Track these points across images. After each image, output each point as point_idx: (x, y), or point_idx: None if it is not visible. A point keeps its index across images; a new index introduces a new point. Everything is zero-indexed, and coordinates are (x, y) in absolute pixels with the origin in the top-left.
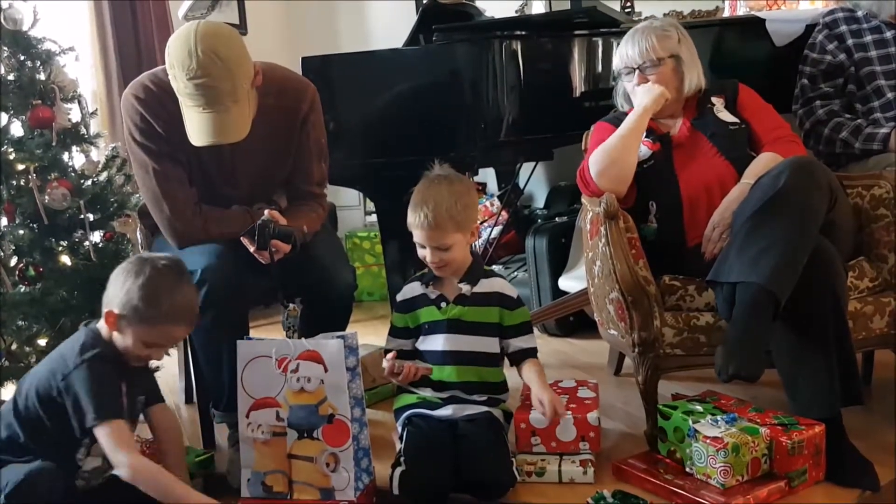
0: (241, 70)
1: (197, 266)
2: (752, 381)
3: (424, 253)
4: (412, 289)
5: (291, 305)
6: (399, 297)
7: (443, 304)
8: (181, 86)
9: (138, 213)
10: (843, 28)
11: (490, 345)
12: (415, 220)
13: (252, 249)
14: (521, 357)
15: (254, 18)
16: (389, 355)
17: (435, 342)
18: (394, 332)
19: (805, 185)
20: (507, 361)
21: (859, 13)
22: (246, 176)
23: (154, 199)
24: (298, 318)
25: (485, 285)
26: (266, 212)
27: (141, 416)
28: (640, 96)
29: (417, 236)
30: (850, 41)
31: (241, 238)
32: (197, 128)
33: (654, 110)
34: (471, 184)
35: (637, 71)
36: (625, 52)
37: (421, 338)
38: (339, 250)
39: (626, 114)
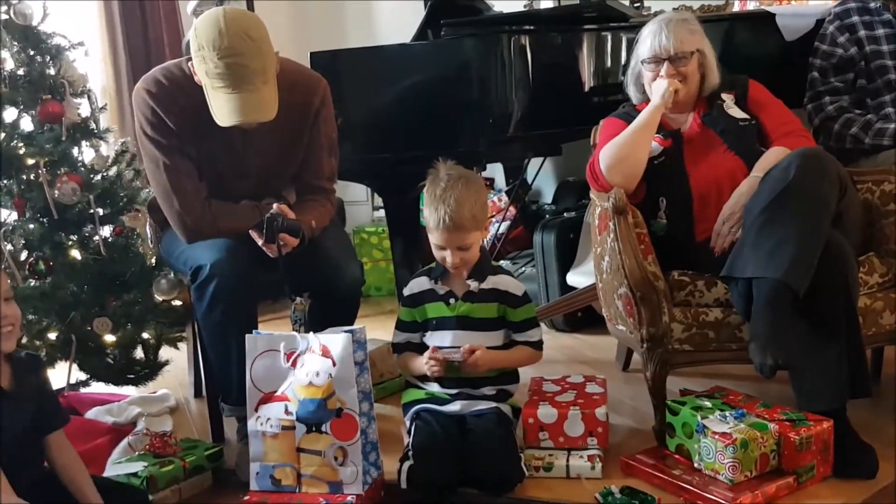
0: (269, 51)
1: (206, 261)
2: (792, 368)
3: (444, 254)
4: (419, 283)
5: (299, 299)
6: (406, 292)
7: (451, 301)
8: (211, 66)
9: (147, 207)
10: (855, 19)
11: (495, 338)
12: (436, 223)
13: (260, 243)
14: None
15: (261, 14)
16: (430, 352)
17: (443, 338)
18: (401, 326)
19: (815, 176)
20: None
21: (872, 5)
22: (256, 169)
23: (164, 193)
24: (306, 313)
25: (492, 282)
26: (275, 205)
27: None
28: (657, 96)
29: (438, 238)
30: (861, 32)
31: (250, 231)
32: (226, 108)
33: (666, 107)
34: (482, 179)
35: (667, 62)
36: (657, 42)
37: (428, 333)
38: (346, 245)
39: (635, 107)
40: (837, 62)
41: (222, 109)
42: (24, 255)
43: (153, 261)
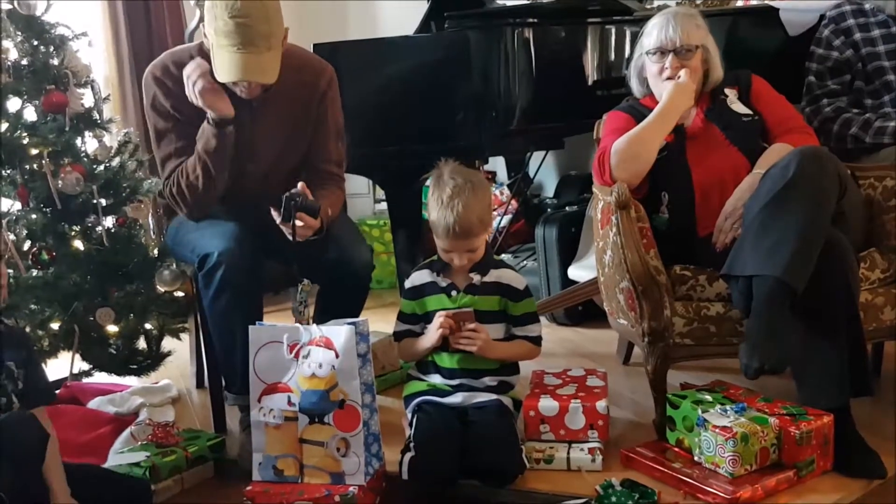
0: (278, 20)
1: (213, 248)
2: (778, 373)
3: (451, 256)
4: (421, 276)
5: (305, 280)
6: (407, 284)
7: (453, 293)
8: (220, 24)
9: (157, 195)
10: (851, 22)
11: (496, 331)
12: (445, 230)
13: (278, 221)
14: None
15: None
16: (443, 312)
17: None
18: (402, 317)
19: (815, 174)
20: None
21: (867, 6)
22: (266, 150)
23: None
24: (308, 294)
25: (494, 275)
26: (299, 184)
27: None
28: (669, 92)
29: (446, 244)
30: (857, 35)
31: (271, 210)
32: (227, 65)
33: (682, 112)
34: (486, 180)
35: (672, 54)
36: (663, 33)
37: (430, 325)
38: (355, 231)
39: (639, 101)
40: (833, 65)
41: (224, 65)
42: (27, 245)
43: (156, 251)
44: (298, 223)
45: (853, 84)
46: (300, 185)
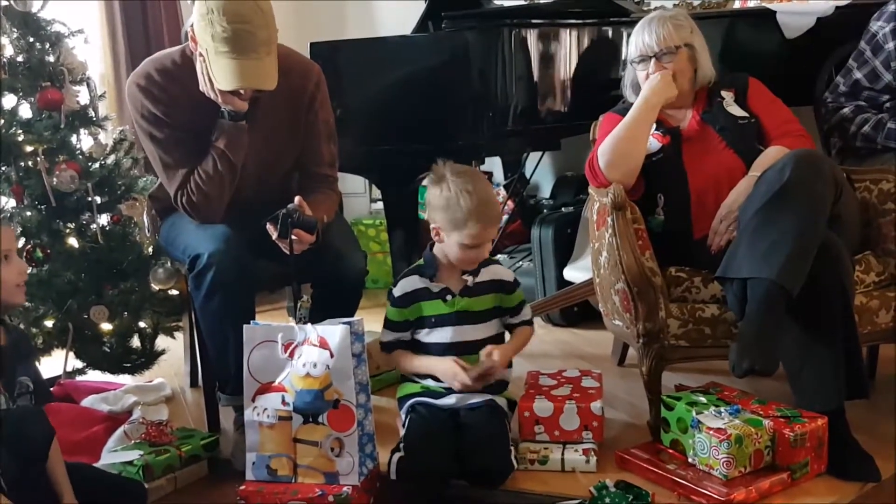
0: (274, 25)
1: (204, 250)
2: (767, 375)
3: (472, 255)
4: (411, 283)
5: (305, 297)
6: (397, 293)
7: (448, 297)
8: (218, 30)
9: (149, 196)
10: None
11: (493, 328)
12: (469, 214)
13: (274, 237)
14: (515, 327)
15: None
16: (463, 378)
17: (442, 334)
18: (391, 326)
19: (810, 177)
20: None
21: None
22: (255, 154)
23: (164, 181)
24: (309, 310)
25: (486, 273)
26: (296, 199)
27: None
28: (646, 88)
29: (475, 231)
30: None
31: (267, 226)
32: (228, 73)
33: (662, 103)
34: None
35: (653, 59)
36: (640, 40)
37: (426, 331)
38: (350, 235)
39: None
40: (882, 88)
41: (224, 73)
42: (21, 243)
43: (150, 250)
44: (294, 238)
45: (883, 106)
46: (297, 199)
